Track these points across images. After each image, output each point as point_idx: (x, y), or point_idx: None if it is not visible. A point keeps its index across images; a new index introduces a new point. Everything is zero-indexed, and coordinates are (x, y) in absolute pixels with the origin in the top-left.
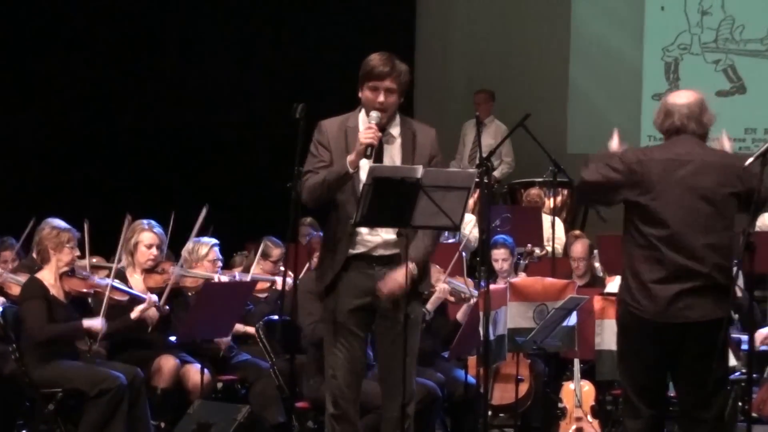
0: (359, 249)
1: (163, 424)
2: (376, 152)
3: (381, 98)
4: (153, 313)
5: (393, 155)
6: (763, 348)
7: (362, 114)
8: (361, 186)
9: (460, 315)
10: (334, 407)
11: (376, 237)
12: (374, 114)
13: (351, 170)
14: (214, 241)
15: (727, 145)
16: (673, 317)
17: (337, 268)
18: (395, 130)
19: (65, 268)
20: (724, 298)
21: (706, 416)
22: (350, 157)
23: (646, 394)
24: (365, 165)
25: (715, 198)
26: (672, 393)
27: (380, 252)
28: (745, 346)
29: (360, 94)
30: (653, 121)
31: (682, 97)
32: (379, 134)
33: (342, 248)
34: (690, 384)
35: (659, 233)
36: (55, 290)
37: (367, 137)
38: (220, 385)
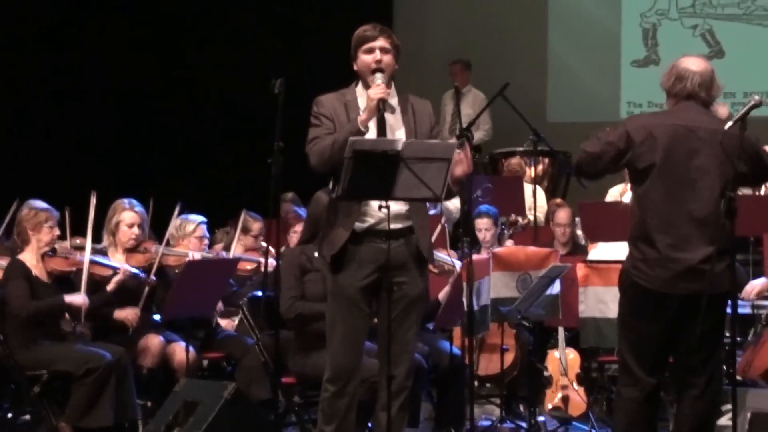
0: (368, 221)
1: (149, 403)
2: (378, 122)
3: (377, 56)
4: (132, 315)
5: (393, 125)
6: (746, 311)
7: (359, 87)
8: None
9: (441, 295)
10: (333, 384)
11: (384, 210)
12: (378, 75)
13: (363, 129)
14: (202, 218)
15: (721, 111)
16: (680, 289)
17: (343, 239)
18: (393, 100)
19: (46, 248)
20: (728, 269)
21: (697, 381)
22: (361, 117)
23: (647, 363)
24: (370, 129)
25: (720, 166)
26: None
27: (391, 226)
28: (729, 310)
29: (355, 67)
30: (660, 82)
31: (695, 64)
32: (388, 90)
33: (350, 220)
34: (687, 351)
35: (663, 201)
36: (37, 271)
37: (377, 93)
38: (205, 362)
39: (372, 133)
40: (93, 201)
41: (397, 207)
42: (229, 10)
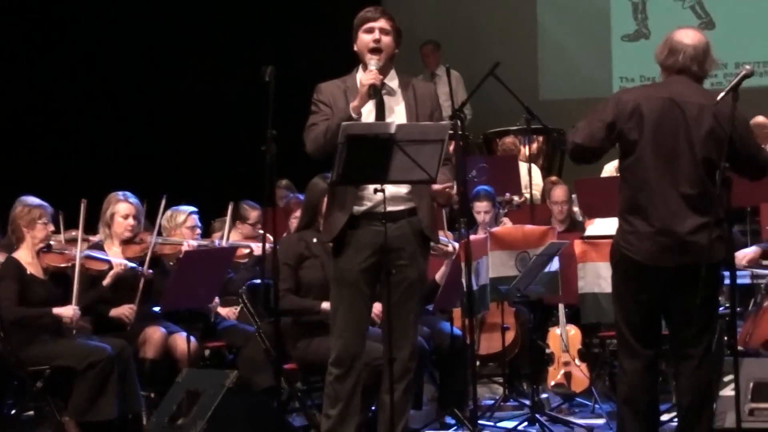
0: (366, 205)
1: (153, 395)
2: (377, 105)
3: (376, 35)
4: (129, 312)
5: (393, 107)
6: (746, 281)
7: (359, 73)
8: None
9: (438, 275)
10: (338, 367)
11: (380, 192)
12: (373, 62)
13: (355, 116)
14: (192, 208)
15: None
16: (666, 261)
17: (341, 223)
18: (394, 83)
19: (40, 245)
20: (718, 240)
21: (694, 352)
22: (354, 103)
23: (641, 335)
24: (369, 113)
25: (706, 141)
26: (664, 331)
27: (390, 208)
28: (727, 281)
29: (355, 47)
30: (655, 54)
31: (689, 37)
32: (381, 77)
33: (348, 204)
34: (681, 323)
35: (651, 175)
36: (32, 268)
37: (368, 78)
38: (207, 352)
39: (371, 117)
40: (83, 208)
41: (395, 189)
42: (222, 2)
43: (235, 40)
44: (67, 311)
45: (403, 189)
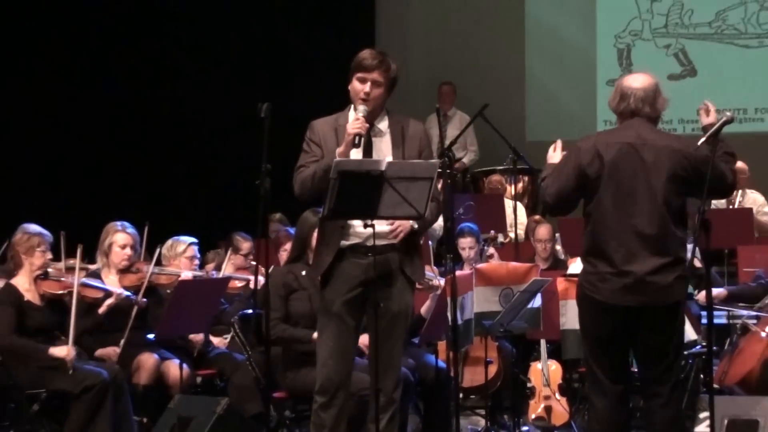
0: (353, 240)
1: (145, 419)
2: (365, 146)
3: (367, 89)
4: (112, 353)
5: (382, 148)
6: (723, 321)
7: (352, 111)
8: None
9: (423, 309)
10: (322, 395)
11: (369, 229)
12: (361, 107)
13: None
14: (193, 239)
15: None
16: (627, 300)
17: (329, 259)
18: (383, 125)
19: (38, 272)
20: (678, 280)
21: (661, 390)
22: (339, 150)
23: (609, 371)
24: (357, 152)
25: (665, 182)
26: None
27: (373, 242)
28: (704, 321)
29: (349, 87)
30: (608, 101)
31: (637, 81)
32: (367, 125)
33: (335, 239)
34: (647, 361)
35: (610, 217)
36: (30, 294)
37: (354, 127)
38: (199, 379)
39: (358, 157)
40: (79, 252)
41: (380, 226)
42: (219, 38)
43: (233, 76)
44: (62, 351)
45: (386, 226)
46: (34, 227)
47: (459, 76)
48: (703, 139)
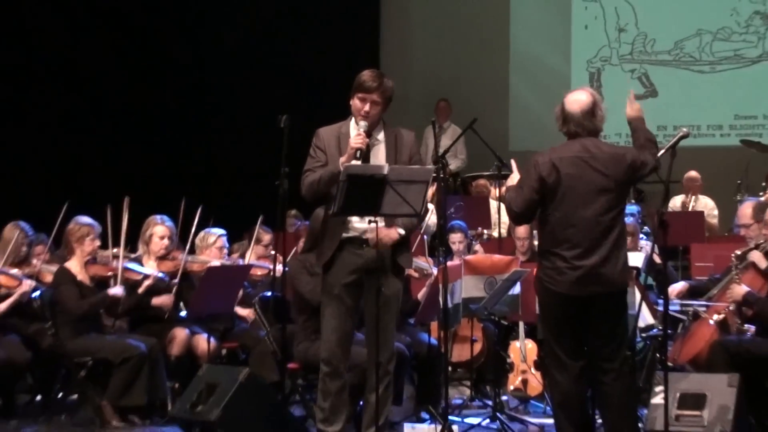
0: (352, 233)
1: (177, 385)
2: (362, 157)
3: (366, 108)
4: (167, 301)
5: (378, 155)
6: (676, 308)
7: (353, 121)
8: None
9: (420, 295)
10: (327, 365)
11: (364, 224)
12: (362, 123)
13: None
14: (222, 231)
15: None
16: (581, 291)
17: (332, 249)
18: (380, 135)
19: (88, 257)
20: (622, 271)
21: (611, 366)
22: (342, 159)
23: (569, 350)
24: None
25: (609, 185)
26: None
27: (369, 235)
28: (660, 308)
29: (351, 101)
30: (556, 119)
31: (576, 103)
32: (367, 140)
33: (337, 233)
34: (599, 342)
35: (564, 219)
36: (81, 276)
37: (356, 142)
38: (224, 351)
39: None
40: (125, 205)
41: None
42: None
43: (256, 91)
44: (118, 290)
45: (381, 223)
46: (84, 219)
47: (452, 94)
48: (662, 151)
